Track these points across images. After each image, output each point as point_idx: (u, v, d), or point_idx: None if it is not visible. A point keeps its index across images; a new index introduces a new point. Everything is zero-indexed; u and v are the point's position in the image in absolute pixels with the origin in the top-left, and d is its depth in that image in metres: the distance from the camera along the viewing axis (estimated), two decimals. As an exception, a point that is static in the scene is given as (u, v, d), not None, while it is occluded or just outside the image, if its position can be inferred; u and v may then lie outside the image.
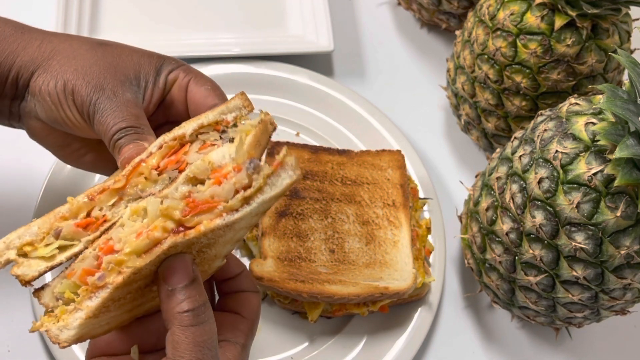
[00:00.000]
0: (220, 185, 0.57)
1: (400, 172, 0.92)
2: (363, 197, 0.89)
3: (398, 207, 0.89)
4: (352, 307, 0.84)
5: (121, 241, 0.56)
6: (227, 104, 0.63)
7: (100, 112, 0.67)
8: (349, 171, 0.92)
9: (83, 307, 0.57)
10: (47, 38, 0.72)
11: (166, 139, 0.61)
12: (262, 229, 0.86)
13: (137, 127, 0.67)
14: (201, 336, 0.57)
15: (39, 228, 0.57)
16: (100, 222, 0.58)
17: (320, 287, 0.81)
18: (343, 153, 0.94)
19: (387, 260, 0.84)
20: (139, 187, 0.59)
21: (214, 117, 0.62)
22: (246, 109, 0.64)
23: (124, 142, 0.65)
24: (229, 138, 0.62)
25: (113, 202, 0.59)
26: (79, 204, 0.58)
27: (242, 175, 0.57)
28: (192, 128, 0.62)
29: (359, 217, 0.88)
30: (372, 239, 0.86)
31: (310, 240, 0.85)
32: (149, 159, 0.60)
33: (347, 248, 0.85)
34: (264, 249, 0.84)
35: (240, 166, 0.57)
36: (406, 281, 0.82)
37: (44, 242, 0.57)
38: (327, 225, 0.86)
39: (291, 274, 0.82)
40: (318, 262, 0.84)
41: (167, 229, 0.56)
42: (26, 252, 0.57)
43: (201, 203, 0.57)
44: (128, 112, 0.67)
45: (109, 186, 0.58)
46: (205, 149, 0.61)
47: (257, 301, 0.68)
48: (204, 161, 0.58)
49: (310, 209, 0.88)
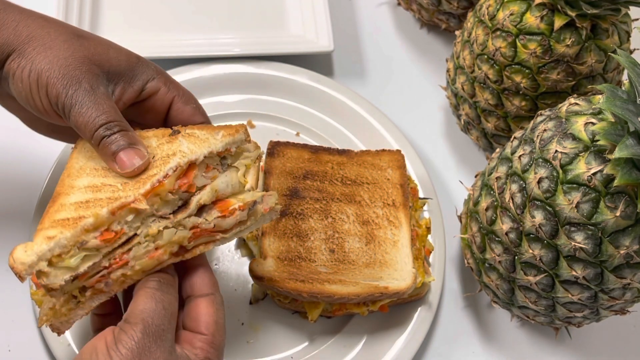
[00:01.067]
0: (224, 219, 0.68)
1: (400, 172, 0.92)
2: (363, 197, 0.89)
3: (398, 207, 0.89)
4: (352, 307, 0.84)
5: (135, 259, 0.65)
6: (233, 135, 0.72)
7: (79, 105, 0.68)
8: (349, 171, 0.92)
9: (86, 307, 0.66)
10: (23, 20, 0.71)
11: (181, 162, 0.67)
12: (262, 229, 0.86)
13: (119, 121, 0.69)
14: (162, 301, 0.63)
15: (68, 240, 0.62)
16: (119, 236, 0.64)
17: (320, 286, 0.81)
18: (343, 153, 0.94)
19: (387, 260, 0.84)
20: (155, 207, 0.66)
21: (222, 147, 0.70)
22: (246, 141, 0.74)
23: (115, 141, 0.67)
24: (227, 164, 0.72)
25: (131, 217, 0.65)
26: (102, 218, 0.63)
27: (244, 214, 0.69)
28: (203, 155, 0.69)
29: (359, 217, 0.88)
30: (372, 239, 0.86)
31: (310, 240, 0.85)
32: (166, 181, 0.66)
33: (347, 248, 0.85)
34: (264, 248, 0.84)
35: (245, 206, 0.69)
36: (406, 281, 0.82)
37: (70, 253, 0.62)
38: (327, 225, 0.87)
39: (291, 273, 0.82)
40: (318, 262, 0.84)
41: (172, 252, 0.66)
42: (53, 262, 0.62)
43: (205, 232, 0.68)
44: (107, 106, 0.69)
45: (129, 203, 0.64)
46: (209, 172, 0.70)
47: (208, 309, 0.66)
48: (212, 189, 0.68)
49: (310, 209, 0.88)
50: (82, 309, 0.66)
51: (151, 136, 0.72)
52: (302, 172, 0.91)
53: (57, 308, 0.65)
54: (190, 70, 1.02)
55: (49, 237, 0.62)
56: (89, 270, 0.63)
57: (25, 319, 0.86)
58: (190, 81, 1.01)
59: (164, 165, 0.67)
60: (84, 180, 0.68)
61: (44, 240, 0.61)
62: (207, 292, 0.67)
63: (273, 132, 1.01)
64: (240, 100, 1.02)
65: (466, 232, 0.83)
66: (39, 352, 0.84)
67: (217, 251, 0.91)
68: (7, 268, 0.89)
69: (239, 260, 0.91)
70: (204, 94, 0.97)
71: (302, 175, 0.91)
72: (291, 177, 0.90)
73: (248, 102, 1.02)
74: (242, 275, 0.90)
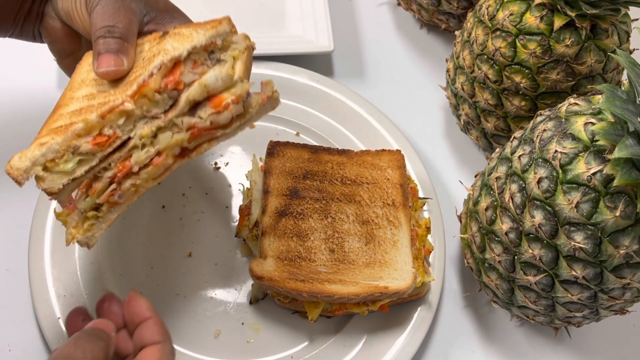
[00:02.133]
0: (219, 115, 0.67)
1: (400, 171, 0.92)
2: (363, 196, 0.89)
3: (398, 207, 0.89)
4: (352, 307, 0.84)
5: (137, 164, 0.66)
6: (216, 27, 0.70)
7: (101, 5, 0.70)
8: (349, 171, 0.92)
9: (107, 219, 0.68)
10: None
11: (164, 60, 0.67)
12: (262, 229, 0.86)
13: (124, 30, 0.70)
14: None
15: (59, 145, 0.64)
16: (112, 139, 0.65)
17: (320, 286, 0.81)
18: (343, 153, 0.94)
19: (387, 260, 0.85)
20: (145, 108, 0.66)
21: (206, 41, 0.69)
22: (232, 33, 0.71)
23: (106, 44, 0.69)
24: (217, 59, 0.70)
25: (122, 121, 0.65)
26: (92, 123, 0.65)
27: (239, 107, 0.68)
28: (187, 50, 0.67)
29: (359, 217, 0.88)
30: (372, 239, 0.86)
31: (310, 239, 0.85)
32: (151, 80, 0.66)
33: (347, 248, 0.85)
34: (264, 248, 0.84)
35: (238, 99, 0.67)
36: (406, 281, 0.82)
37: (64, 158, 0.64)
38: (327, 225, 0.87)
39: (291, 273, 0.82)
40: (318, 262, 0.84)
41: (175, 155, 0.67)
42: (48, 167, 0.64)
43: (203, 130, 0.67)
44: (124, 16, 0.71)
45: (117, 106, 0.65)
46: (197, 67, 0.68)
47: (154, 355, 0.66)
48: (200, 85, 0.67)
49: (310, 209, 0.88)
50: (103, 222, 0.68)
51: (145, 42, 0.73)
52: (302, 172, 0.91)
53: (80, 225, 0.67)
54: (190, 70, 1.02)
55: (41, 143, 0.64)
56: (86, 174, 0.65)
57: (25, 319, 0.86)
58: (190, 81, 1.01)
59: (150, 65, 0.67)
60: (83, 91, 0.70)
61: (37, 147, 0.64)
62: (156, 341, 0.67)
63: (273, 132, 1.01)
64: (240, 100, 1.02)
65: (466, 232, 0.83)
66: (39, 352, 0.84)
67: (217, 251, 0.91)
68: (7, 268, 0.89)
69: (239, 260, 0.91)
70: (204, 94, 0.97)
71: (302, 175, 0.91)
72: (291, 177, 0.90)
73: (248, 102, 1.02)
74: (242, 275, 0.90)
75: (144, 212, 0.93)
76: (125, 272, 0.88)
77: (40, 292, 0.84)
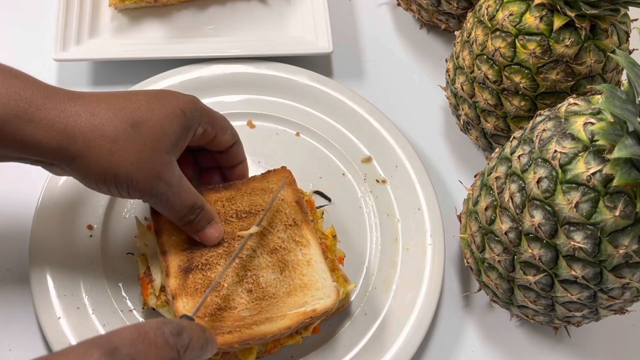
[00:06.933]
0: None
1: (291, 188, 0.87)
2: (262, 225, 0.85)
3: (300, 225, 0.85)
4: (286, 340, 0.80)
5: None
6: None
7: (164, 198, 0.76)
8: (241, 203, 0.86)
9: None
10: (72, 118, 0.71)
11: None
12: (171, 292, 0.78)
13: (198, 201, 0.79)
14: None
15: None
16: None
17: (249, 332, 0.75)
18: (229, 187, 0.88)
19: (306, 282, 0.80)
20: None
21: None
22: None
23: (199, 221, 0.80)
24: None
25: None
26: None
27: None
28: None
29: (266, 247, 0.83)
30: (285, 265, 0.82)
31: (224, 287, 0.79)
32: None
33: (263, 283, 0.80)
34: (180, 311, 0.78)
35: None
36: (330, 297, 0.79)
37: None
38: (237, 267, 0.81)
39: (216, 328, 0.76)
40: (239, 307, 0.78)
41: None
42: None
43: None
44: (186, 191, 0.78)
45: None
46: None
47: None
48: None
49: (214, 256, 0.82)
50: None
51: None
52: None
53: None
54: (190, 70, 1.02)
55: None
56: None
57: (26, 318, 0.86)
58: (190, 81, 1.01)
59: None
60: None
61: None
62: None
63: (273, 132, 1.01)
64: (240, 100, 1.02)
65: (465, 231, 0.83)
66: (39, 352, 0.84)
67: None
68: (7, 268, 0.89)
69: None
70: (204, 94, 0.97)
71: None
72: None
73: (248, 102, 1.02)
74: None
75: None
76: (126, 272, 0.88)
77: (40, 292, 0.84)
